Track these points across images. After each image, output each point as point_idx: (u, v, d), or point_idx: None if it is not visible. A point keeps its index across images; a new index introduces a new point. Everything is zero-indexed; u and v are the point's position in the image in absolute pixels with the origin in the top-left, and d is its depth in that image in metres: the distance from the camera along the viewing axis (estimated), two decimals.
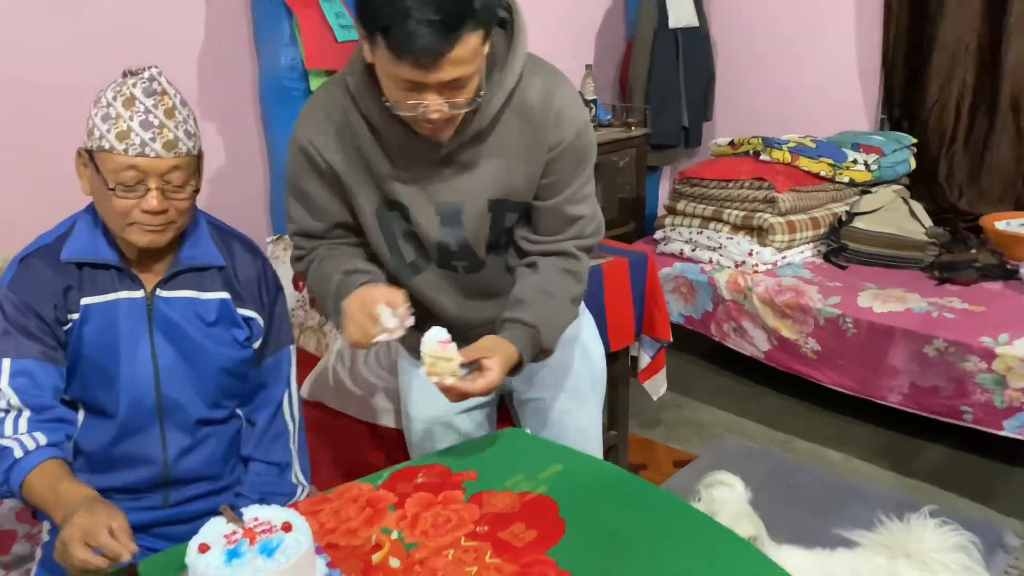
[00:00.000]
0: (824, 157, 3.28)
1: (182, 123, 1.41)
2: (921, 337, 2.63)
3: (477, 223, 1.47)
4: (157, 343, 1.50)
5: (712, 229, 3.27)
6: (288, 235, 1.60)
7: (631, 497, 1.35)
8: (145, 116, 1.36)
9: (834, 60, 3.97)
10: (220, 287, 1.55)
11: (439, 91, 1.27)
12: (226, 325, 1.55)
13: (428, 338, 1.32)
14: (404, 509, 1.34)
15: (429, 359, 1.31)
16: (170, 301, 1.50)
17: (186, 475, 1.56)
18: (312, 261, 1.57)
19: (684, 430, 3.14)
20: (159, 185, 1.39)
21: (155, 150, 1.36)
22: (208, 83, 2.99)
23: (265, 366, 1.63)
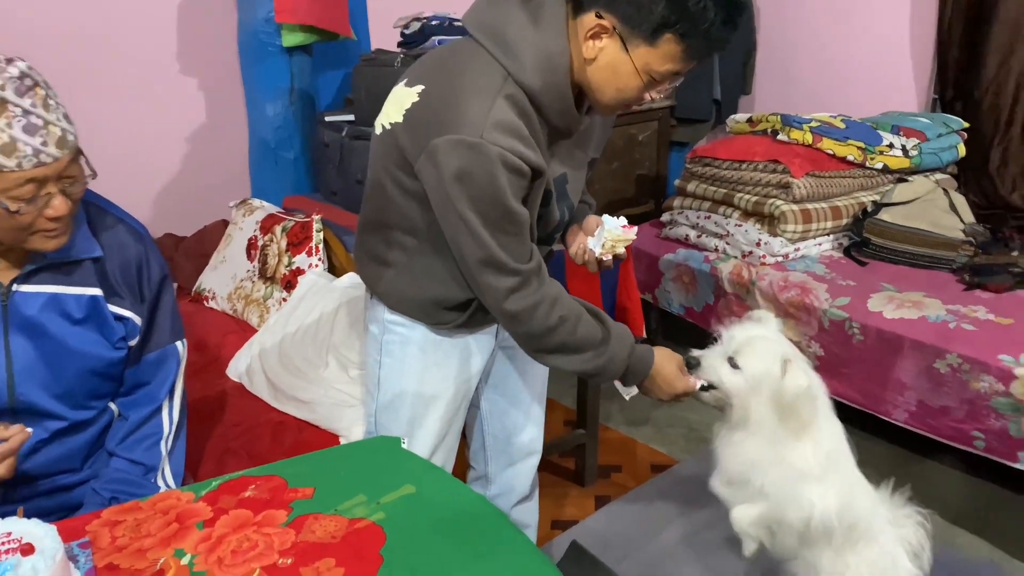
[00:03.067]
0: (853, 140, 2.94)
1: (58, 108, 1.24)
2: (933, 350, 2.32)
3: (577, 190, 1.53)
4: (13, 342, 1.36)
5: (721, 214, 2.98)
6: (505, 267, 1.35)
7: (475, 537, 1.16)
8: (26, 119, 1.18)
9: (887, 32, 3.58)
10: (92, 281, 1.40)
11: None
12: (95, 324, 1.41)
13: (613, 223, 1.49)
14: (213, 528, 1.17)
15: (610, 242, 1.49)
16: (29, 297, 1.36)
17: (35, 472, 1.44)
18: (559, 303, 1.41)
19: (673, 431, 2.90)
20: (60, 187, 1.25)
21: (50, 154, 1.21)
22: (188, 36, 2.86)
23: (146, 363, 1.50)
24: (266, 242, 2.41)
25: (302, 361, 1.98)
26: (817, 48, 3.85)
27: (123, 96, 2.75)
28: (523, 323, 1.38)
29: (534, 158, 1.29)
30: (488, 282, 1.34)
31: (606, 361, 1.45)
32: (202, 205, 2.91)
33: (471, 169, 1.25)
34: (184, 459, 1.56)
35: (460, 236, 1.31)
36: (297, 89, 2.84)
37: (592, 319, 1.44)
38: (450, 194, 1.27)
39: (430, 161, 1.27)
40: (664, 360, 1.53)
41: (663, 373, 1.53)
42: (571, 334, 1.41)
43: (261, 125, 2.86)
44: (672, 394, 1.55)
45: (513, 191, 1.29)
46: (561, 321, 1.39)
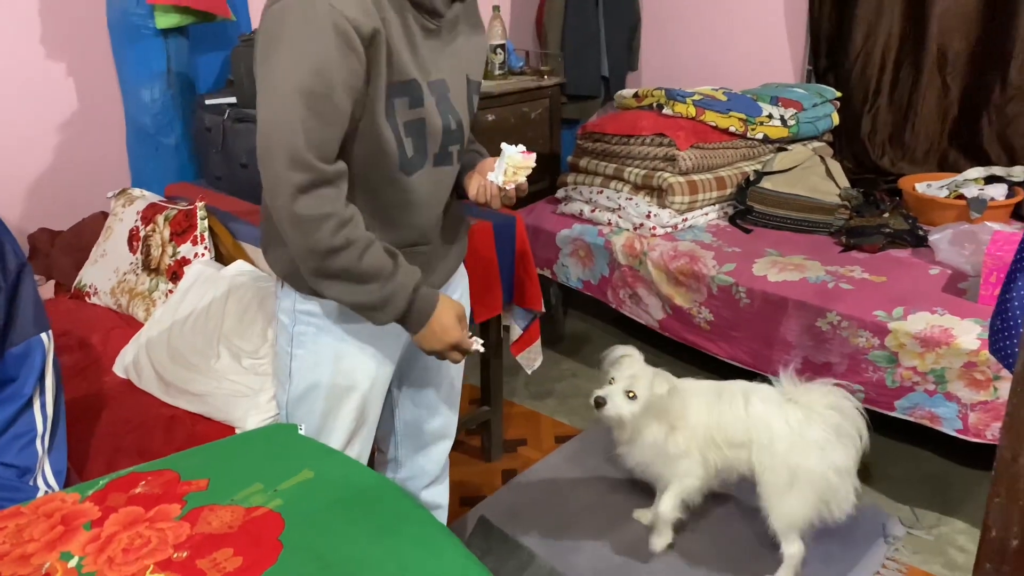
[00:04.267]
0: (735, 111, 3.04)
1: None
2: (814, 309, 2.44)
3: (461, 103, 1.47)
4: None
5: (613, 188, 3.04)
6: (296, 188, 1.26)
7: (376, 516, 1.15)
8: None
9: (763, 6, 3.71)
10: None
11: None
12: None
13: (512, 151, 1.46)
14: (101, 528, 1.13)
15: (511, 169, 1.47)
16: None
17: None
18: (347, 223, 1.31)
19: (575, 402, 2.96)
20: None
21: None
22: (55, 19, 2.70)
23: (10, 357, 1.42)
24: (148, 232, 2.32)
25: (192, 353, 1.92)
26: (698, 23, 3.95)
27: None
28: (307, 234, 1.28)
29: (368, 26, 1.23)
30: (279, 173, 1.24)
31: (389, 296, 1.36)
32: (79, 197, 2.77)
33: (296, 27, 1.20)
34: (66, 456, 1.49)
35: (264, 110, 1.24)
36: (175, 72, 2.73)
37: (383, 251, 1.36)
38: (269, 57, 1.21)
39: (259, 30, 1.26)
40: (446, 307, 1.44)
41: (442, 320, 1.43)
42: (356, 261, 1.31)
43: (138, 111, 2.74)
44: (447, 343, 1.45)
45: (344, 70, 1.23)
46: (347, 243, 1.30)
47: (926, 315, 2.27)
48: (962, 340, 2.17)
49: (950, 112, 3.25)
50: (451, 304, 1.46)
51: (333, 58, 1.23)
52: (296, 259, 1.35)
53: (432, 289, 1.44)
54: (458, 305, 1.47)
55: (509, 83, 3.58)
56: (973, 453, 2.43)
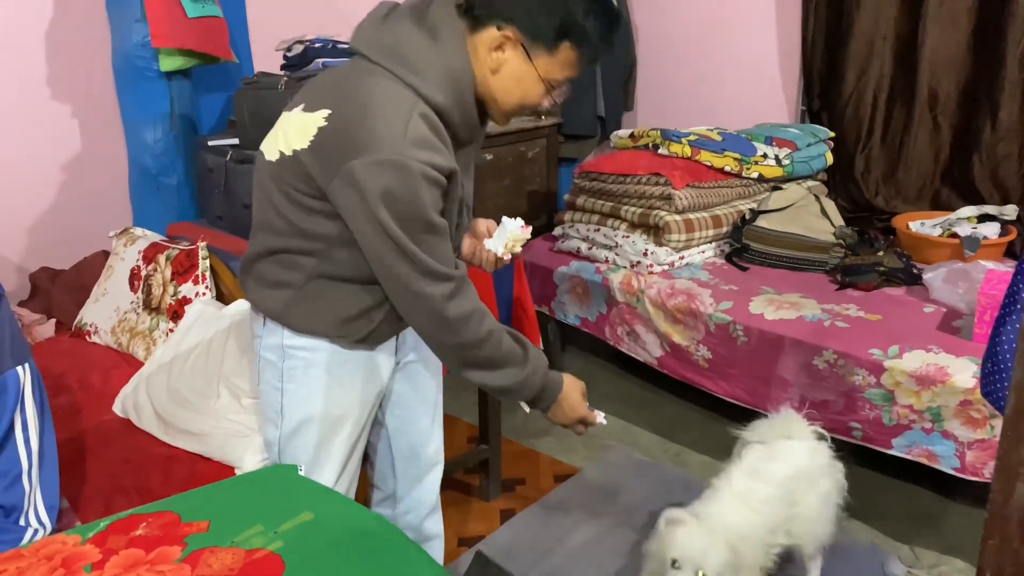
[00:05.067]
0: (730, 151, 3.09)
1: None
2: (811, 347, 2.46)
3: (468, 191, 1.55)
4: None
5: (609, 226, 3.07)
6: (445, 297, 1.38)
7: (379, 558, 1.16)
8: None
9: (756, 48, 3.78)
10: None
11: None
12: None
13: (513, 225, 1.60)
14: (102, 571, 1.13)
15: (511, 242, 1.61)
16: None
17: None
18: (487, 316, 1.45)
19: (573, 440, 2.95)
20: None
21: None
22: (61, 61, 2.75)
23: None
24: (150, 272, 2.34)
25: (191, 392, 1.93)
26: (693, 64, 4.02)
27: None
28: (459, 332, 1.40)
29: (449, 166, 1.34)
30: (425, 291, 1.36)
31: (525, 378, 1.49)
32: (80, 236, 2.79)
33: (394, 187, 1.28)
34: (58, 491, 1.48)
35: (388, 254, 1.33)
36: (178, 114, 2.77)
37: (510, 336, 1.49)
38: (375, 214, 1.29)
39: (347, 183, 1.29)
40: (572, 385, 1.59)
41: (570, 399, 1.58)
42: (497, 348, 1.44)
43: (141, 151, 2.78)
44: (575, 419, 1.62)
45: (433, 204, 1.33)
46: (490, 334, 1.43)
47: (921, 353, 2.29)
48: (957, 378, 2.19)
49: (942, 151, 3.29)
50: (576, 383, 1.60)
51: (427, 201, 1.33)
52: (441, 356, 1.48)
53: (557, 372, 1.57)
54: (580, 384, 1.61)
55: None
56: (971, 490, 2.43)
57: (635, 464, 2.79)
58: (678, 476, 2.71)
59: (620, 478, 2.69)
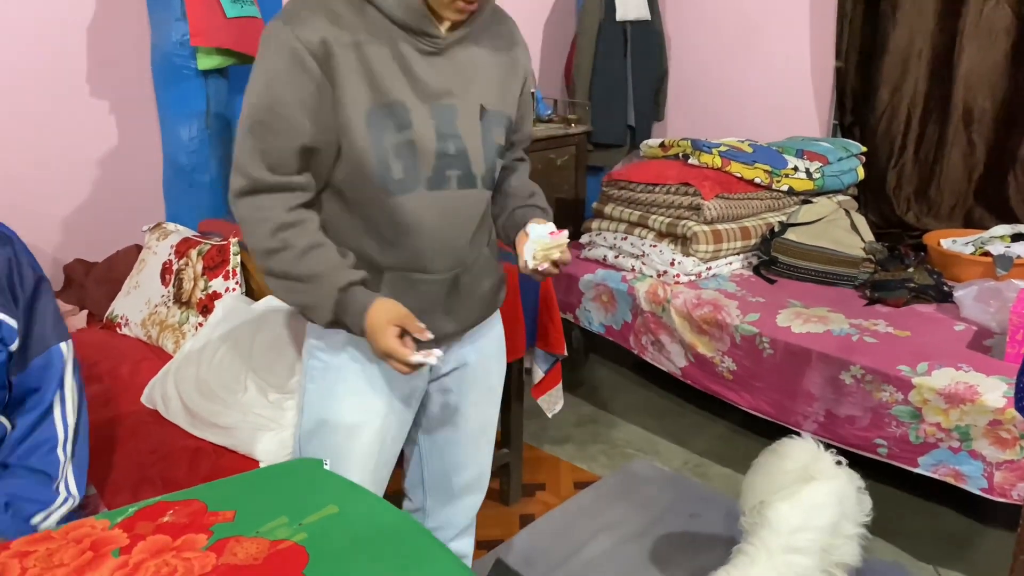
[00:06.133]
0: (760, 163, 3.08)
1: None
2: (838, 362, 2.44)
3: (472, 130, 1.45)
4: None
5: (637, 235, 3.07)
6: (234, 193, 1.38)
7: (402, 554, 1.16)
8: None
9: (790, 61, 3.77)
10: None
11: None
12: None
13: (538, 233, 1.45)
14: (129, 555, 1.15)
15: (541, 252, 1.45)
16: None
17: None
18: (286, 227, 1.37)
19: (594, 448, 2.95)
20: None
21: None
22: (100, 57, 2.80)
23: (32, 368, 1.46)
24: (181, 266, 2.37)
25: (219, 386, 1.95)
26: (725, 76, 4.02)
27: (32, 119, 2.66)
28: (248, 234, 1.38)
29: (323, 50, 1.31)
30: (230, 179, 1.39)
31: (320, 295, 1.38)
32: (113, 230, 2.83)
33: (263, 52, 1.33)
34: (87, 467, 1.52)
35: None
36: (213, 112, 2.80)
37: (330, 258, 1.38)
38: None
39: None
40: (376, 311, 1.36)
41: (372, 323, 1.36)
42: (294, 262, 1.36)
43: (175, 148, 2.81)
44: (379, 350, 1.36)
45: (293, 85, 1.32)
46: (284, 246, 1.35)
47: (951, 371, 2.26)
48: (987, 397, 2.16)
49: (976, 169, 3.26)
50: (386, 308, 1.36)
51: (282, 77, 1.33)
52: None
53: (370, 292, 1.39)
54: (396, 310, 1.36)
55: (537, 130, 3.63)
56: (999, 512, 2.39)
57: (656, 475, 2.77)
58: (699, 489, 2.69)
59: (640, 488, 2.68)
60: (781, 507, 1.92)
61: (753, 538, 1.91)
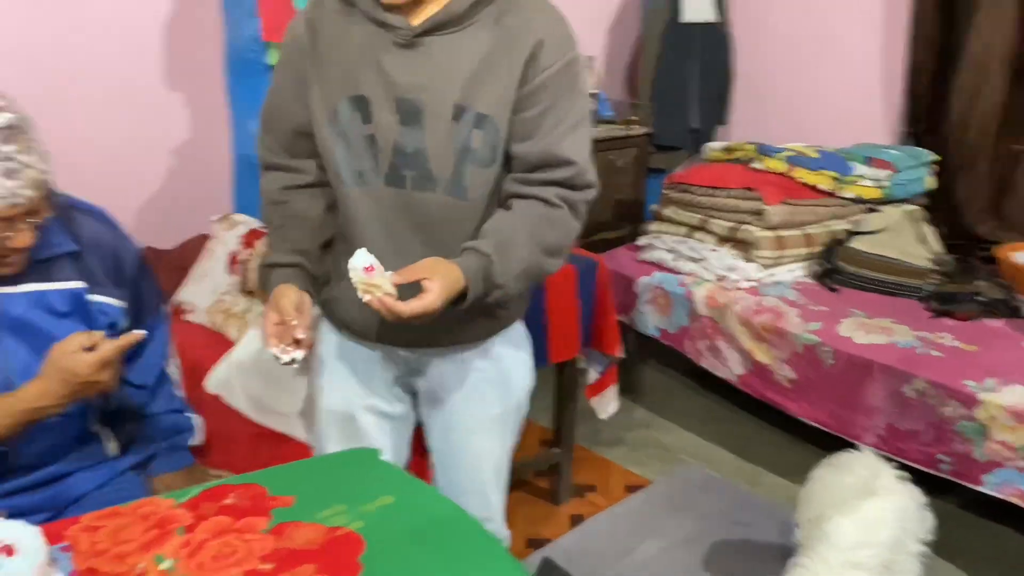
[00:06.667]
0: (826, 169, 3.02)
1: (37, 149, 1.27)
2: (901, 375, 2.38)
3: (439, 129, 1.36)
4: (4, 343, 1.39)
5: (697, 239, 3.04)
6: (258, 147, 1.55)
7: (453, 547, 1.18)
8: (6, 163, 1.22)
9: (860, 66, 3.69)
10: (72, 275, 1.45)
11: None
12: (80, 316, 1.45)
13: (354, 264, 1.25)
14: (193, 534, 1.18)
15: (361, 285, 1.25)
16: (14, 297, 1.39)
17: (24, 463, 1.45)
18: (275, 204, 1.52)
19: (646, 452, 2.93)
20: (27, 223, 1.29)
21: (24, 195, 1.24)
22: (176, 52, 2.88)
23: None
24: (248, 256, 2.43)
25: (281, 374, 1.99)
26: (791, 80, 3.95)
27: (109, 110, 2.75)
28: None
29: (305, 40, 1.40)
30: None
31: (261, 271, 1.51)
32: (183, 219, 2.91)
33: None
34: None
35: None
36: None
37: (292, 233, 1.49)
38: None
39: None
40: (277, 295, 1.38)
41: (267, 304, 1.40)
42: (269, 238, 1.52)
43: (245, 142, 2.88)
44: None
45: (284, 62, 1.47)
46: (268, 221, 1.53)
47: (1020, 388, 2.19)
48: None
49: None
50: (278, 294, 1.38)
51: (282, 62, 1.49)
52: None
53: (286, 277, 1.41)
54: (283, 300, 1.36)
55: (598, 131, 3.62)
56: None
57: (708, 482, 2.73)
58: (751, 498, 2.65)
59: (692, 494, 2.64)
60: (841, 521, 1.88)
61: (811, 552, 1.87)
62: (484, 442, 1.64)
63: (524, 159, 1.39)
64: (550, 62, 1.36)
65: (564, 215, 1.40)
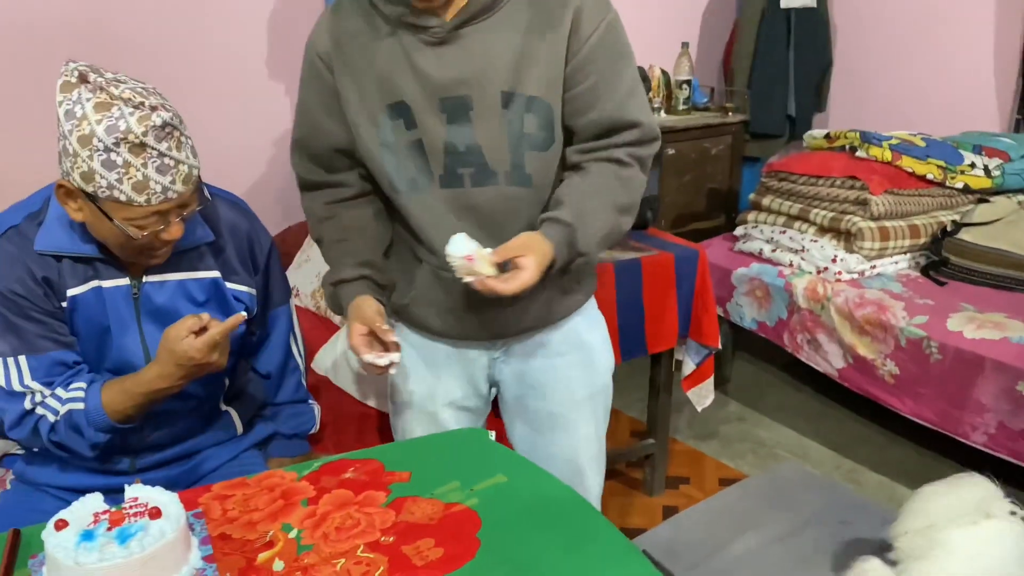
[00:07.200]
0: (934, 158, 2.91)
1: (188, 144, 1.31)
2: (1015, 371, 2.28)
3: (490, 121, 1.34)
4: (146, 330, 1.46)
5: (797, 229, 2.97)
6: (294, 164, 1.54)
7: (570, 526, 1.18)
8: (160, 160, 1.26)
9: (969, 53, 3.54)
10: (211, 264, 1.50)
11: None
12: (217, 304, 1.50)
13: (453, 252, 1.29)
14: (316, 506, 1.22)
15: (463, 271, 1.29)
16: (158, 286, 1.46)
17: (158, 442, 1.53)
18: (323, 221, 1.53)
19: (741, 446, 2.89)
20: (178, 215, 1.34)
21: (176, 191, 1.30)
22: (277, 41, 2.97)
23: (271, 319, 1.64)
24: None
25: None
26: (895, 67, 3.82)
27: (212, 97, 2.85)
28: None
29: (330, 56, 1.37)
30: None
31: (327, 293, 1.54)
32: (286, 206, 3.01)
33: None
34: None
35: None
36: None
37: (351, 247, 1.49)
38: None
39: None
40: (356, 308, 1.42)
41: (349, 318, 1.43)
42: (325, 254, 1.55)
43: None
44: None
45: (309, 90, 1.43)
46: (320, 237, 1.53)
47: None
48: None
49: None
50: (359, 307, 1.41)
51: (306, 85, 1.45)
52: None
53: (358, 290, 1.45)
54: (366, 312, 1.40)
55: (692, 119, 3.58)
56: None
57: (806, 477, 2.67)
58: (851, 495, 2.58)
59: (789, 490, 2.58)
60: (955, 533, 1.81)
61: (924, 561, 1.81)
62: (576, 427, 1.62)
63: (588, 130, 1.39)
64: (591, 29, 1.33)
65: (635, 172, 1.41)
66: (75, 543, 1.00)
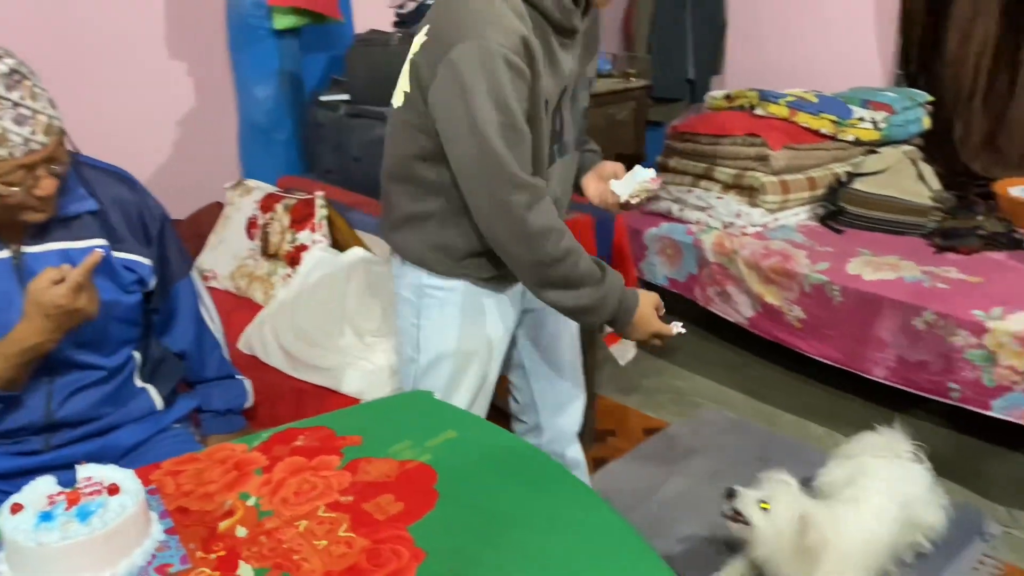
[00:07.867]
0: (826, 113, 3.07)
1: (44, 95, 1.29)
2: (910, 308, 2.46)
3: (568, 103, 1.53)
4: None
5: (702, 188, 3.10)
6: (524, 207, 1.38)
7: (522, 473, 1.24)
8: (15, 111, 1.24)
9: (853, 10, 3.72)
10: (95, 233, 1.47)
11: None
12: (105, 273, 1.47)
13: (644, 175, 1.62)
14: (271, 473, 1.24)
15: (641, 191, 1.63)
16: (40, 256, 1.42)
17: (70, 418, 1.50)
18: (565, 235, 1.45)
19: (662, 398, 3.01)
20: (48, 170, 1.31)
21: (39, 141, 1.27)
22: (176, 21, 2.88)
23: (173, 293, 1.62)
24: (267, 220, 2.46)
25: (316, 331, 2.04)
26: (784, 26, 3.97)
27: (111, 81, 2.75)
28: (538, 248, 1.40)
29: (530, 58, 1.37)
30: (505, 198, 1.36)
31: (602, 299, 1.48)
32: (194, 188, 2.93)
33: (475, 72, 1.30)
34: None
35: (471, 153, 1.35)
36: (287, 71, 2.88)
37: (590, 258, 1.49)
38: (458, 104, 1.33)
39: (438, 83, 1.35)
40: (646, 302, 1.57)
41: (644, 315, 1.55)
42: (575, 268, 1.44)
43: (252, 108, 2.89)
44: (649, 333, 1.58)
45: (517, 95, 1.33)
46: (568, 253, 1.43)
47: None
48: None
49: None
50: (649, 299, 1.57)
51: (507, 89, 1.33)
52: (518, 273, 1.49)
53: (633, 290, 1.56)
54: (654, 297, 1.58)
55: (597, 86, 3.65)
56: None
57: (726, 421, 2.83)
58: (768, 434, 2.74)
59: (711, 434, 2.73)
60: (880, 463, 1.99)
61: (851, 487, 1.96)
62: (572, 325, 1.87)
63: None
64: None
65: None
66: (34, 524, 0.99)
